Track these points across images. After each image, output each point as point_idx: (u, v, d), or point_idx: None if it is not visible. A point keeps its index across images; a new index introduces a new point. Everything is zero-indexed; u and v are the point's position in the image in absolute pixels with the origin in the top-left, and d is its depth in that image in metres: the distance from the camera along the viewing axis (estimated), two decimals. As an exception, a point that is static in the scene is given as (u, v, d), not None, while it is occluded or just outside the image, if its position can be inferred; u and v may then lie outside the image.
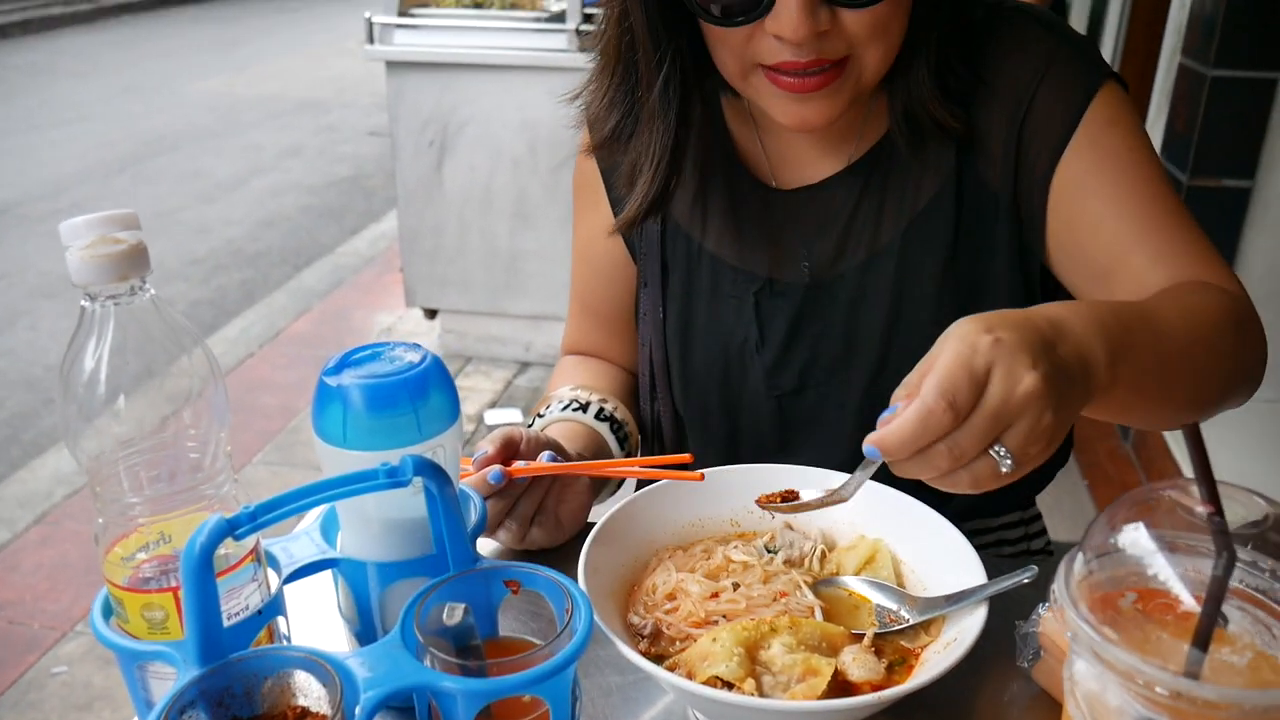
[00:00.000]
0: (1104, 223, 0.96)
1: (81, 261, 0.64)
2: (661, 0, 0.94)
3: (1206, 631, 0.55)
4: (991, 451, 0.67)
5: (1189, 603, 0.56)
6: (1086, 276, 0.99)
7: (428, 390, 0.72)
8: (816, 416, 1.12)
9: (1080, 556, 0.58)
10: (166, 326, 0.68)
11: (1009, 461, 0.67)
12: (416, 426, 0.72)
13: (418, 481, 0.69)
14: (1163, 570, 0.57)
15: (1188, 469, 2.75)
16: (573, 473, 0.96)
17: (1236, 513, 0.59)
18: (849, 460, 1.07)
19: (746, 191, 1.11)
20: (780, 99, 0.95)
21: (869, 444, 0.69)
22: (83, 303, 0.66)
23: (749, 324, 1.11)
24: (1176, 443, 2.86)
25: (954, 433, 0.66)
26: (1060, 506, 2.78)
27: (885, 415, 0.69)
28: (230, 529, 0.63)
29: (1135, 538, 0.58)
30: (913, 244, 1.05)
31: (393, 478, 0.68)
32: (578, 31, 3.27)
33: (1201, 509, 0.55)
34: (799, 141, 1.09)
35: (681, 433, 1.22)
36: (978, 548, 1.18)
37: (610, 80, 1.05)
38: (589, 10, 3.33)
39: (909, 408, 0.66)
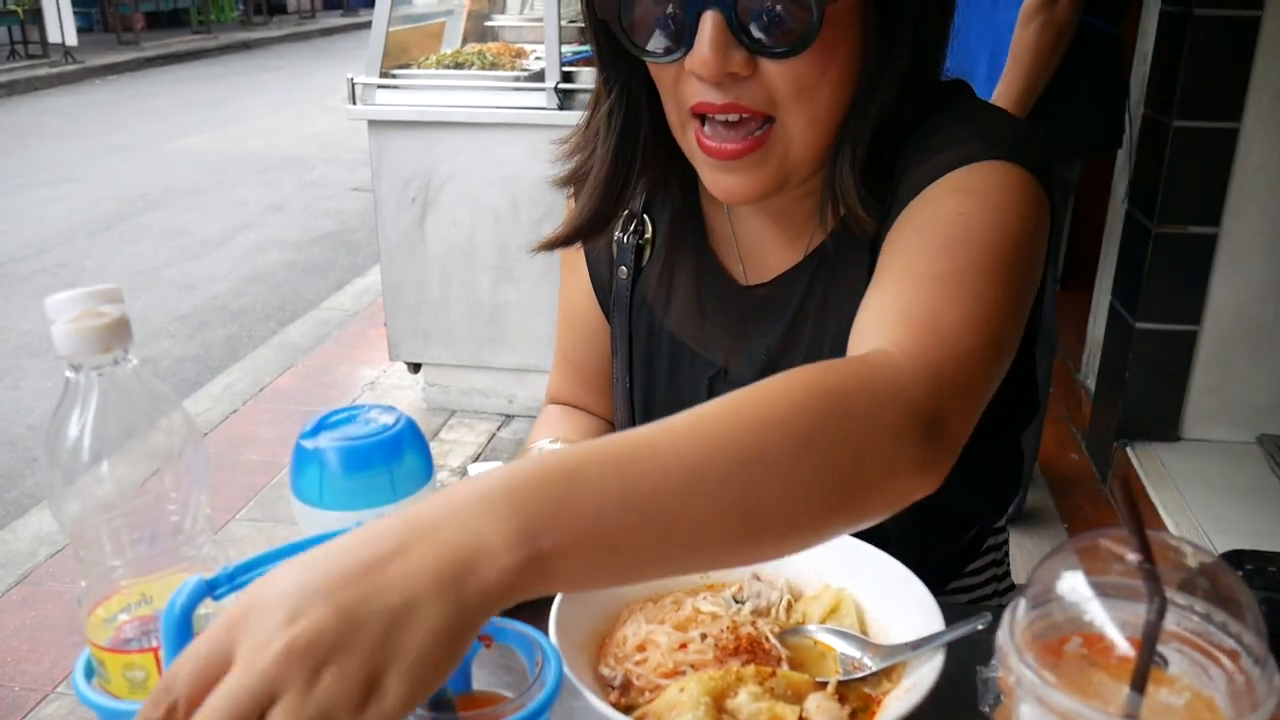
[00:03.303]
0: (882, 271, 0.88)
1: (66, 334, 0.67)
2: (612, 38, 0.95)
3: (1143, 674, 0.57)
4: None
5: (1125, 647, 0.59)
6: None
7: (401, 451, 0.75)
8: None
9: (1023, 604, 0.61)
10: (148, 394, 0.71)
11: None
12: (391, 486, 0.74)
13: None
14: (1099, 616, 0.60)
15: (1164, 511, 2.77)
16: None
17: (1172, 562, 0.62)
18: None
19: (711, 281, 1.12)
20: (708, 168, 0.96)
21: None
22: (67, 373, 0.69)
23: None
24: (1154, 486, 2.90)
25: None
26: (1041, 551, 2.81)
27: None
28: (209, 589, 0.65)
29: (1074, 585, 0.61)
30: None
31: (367, 537, 0.70)
32: (556, 89, 3.34)
33: (1133, 556, 0.58)
34: (766, 232, 1.09)
35: None
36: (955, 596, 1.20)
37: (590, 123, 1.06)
38: (567, 69, 3.40)
39: None
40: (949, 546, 1.18)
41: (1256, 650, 0.59)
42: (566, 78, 3.37)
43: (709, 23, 0.86)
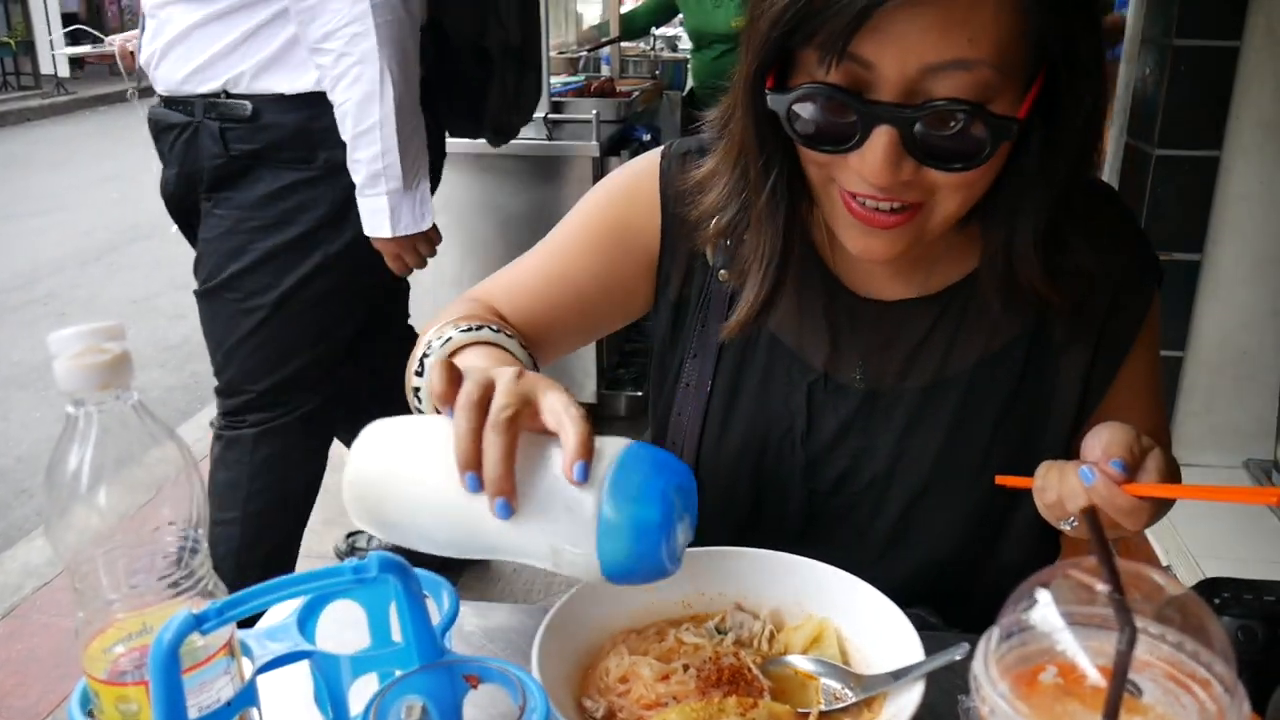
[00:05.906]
0: (1138, 394, 1.14)
1: (69, 370, 0.68)
2: (763, 115, 0.94)
3: (1114, 703, 0.59)
4: None
5: (1096, 677, 0.60)
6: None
7: None
8: (845, 520, 1.13)
9: (996, 634, 0.63)
10: (148, 429, 0.72)
11: None
12: None
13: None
14: (1072, 646, 0.61)
15: (1153, 536, 2.77)
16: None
17: (1143, 591, 0.64)
18: (869, 564, 1.01)
19: (816, 281, 1.12)
20: (848, 226, 0.96)
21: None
22: (68, 409, 0.70)
23: (798, 413, 1.12)
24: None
25: None
26: (1029, 577, 2.81)
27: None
28: (197, 624, 0.66)
29: (1046, 615, 0.62)
30: (980, 382, 1.09)
31: (358, 574, 0.71)
32: (546, 120, 3.37)
33: (1103, 586, 0.60)
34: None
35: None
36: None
37: (732, 173, 1.05)
38: (557, 99, 3.43)
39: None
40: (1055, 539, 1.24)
41: (1227, 679, 0.61)
42: (556, 108, 3.40)
43: (884, 138, 0.87)
